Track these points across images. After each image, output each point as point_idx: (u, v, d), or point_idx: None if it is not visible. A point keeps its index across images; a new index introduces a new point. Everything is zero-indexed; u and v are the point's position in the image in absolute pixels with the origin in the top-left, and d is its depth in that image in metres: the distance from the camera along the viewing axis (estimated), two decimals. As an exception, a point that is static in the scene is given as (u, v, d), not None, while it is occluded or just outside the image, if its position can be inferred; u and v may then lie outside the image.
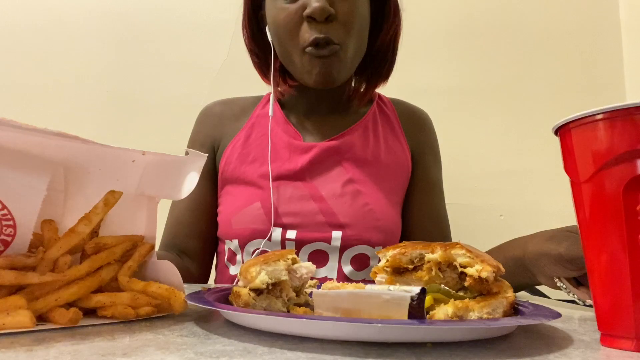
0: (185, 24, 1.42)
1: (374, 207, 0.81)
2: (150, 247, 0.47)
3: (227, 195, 0.87)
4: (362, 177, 0.84)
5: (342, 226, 0.79)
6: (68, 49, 1.41)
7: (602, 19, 1.41)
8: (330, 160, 0.85)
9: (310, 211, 0.80)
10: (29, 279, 0.37)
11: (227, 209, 0.85)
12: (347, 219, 0.79)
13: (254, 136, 0.89)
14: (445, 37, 1.40)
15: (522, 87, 1.39)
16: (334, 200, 0.81)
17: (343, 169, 0.84)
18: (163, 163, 0.47)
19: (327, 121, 0.90)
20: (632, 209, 0.32)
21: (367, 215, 0.80)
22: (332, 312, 0.37)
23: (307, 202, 0.81)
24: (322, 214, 0.80)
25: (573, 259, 0.53)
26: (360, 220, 0.80)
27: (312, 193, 0.82)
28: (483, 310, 0.38)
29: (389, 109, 0.95)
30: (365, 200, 0.81)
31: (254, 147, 0.88)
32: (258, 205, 0.81)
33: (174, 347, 0.32)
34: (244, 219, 0.81)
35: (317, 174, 0.84)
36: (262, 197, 0.81)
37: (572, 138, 0.36)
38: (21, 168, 0.39)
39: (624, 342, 0.33)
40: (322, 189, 0.82)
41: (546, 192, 1.28)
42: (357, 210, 0.80)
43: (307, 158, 0.84)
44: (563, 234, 0.56)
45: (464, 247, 0.41)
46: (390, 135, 0.91)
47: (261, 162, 0.85)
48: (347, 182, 0.83)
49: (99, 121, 1.39)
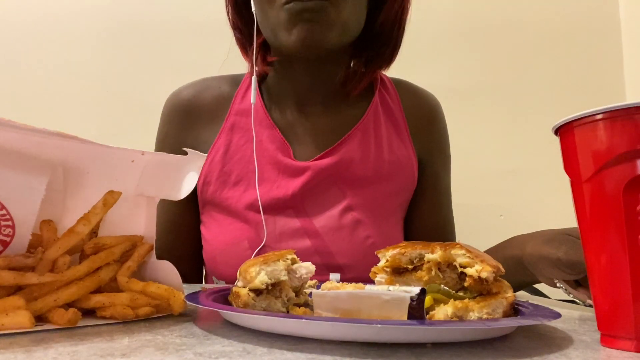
0: (185, 24, 1.42)
1: (375, 241, 0.72)
2: (150, 247, 0.47)
3: (212, 219, 0.76)
4: (361, 201, 0.74)
5: (341, 268, 0.71)
6: (67, 49, 1.41)
7: (602, 19, 1.41)
8: (326, 182, 0.74)
9: (304, 250, 0.71)
10: (27, 280, 0.37)
11: (212, 240, 0.75)
12: (346, 259, 0.71)
13: (234, 146, 0.76)
14: (445, 38, 1.40)
15: (522, 87, 1.39)
16: (330, 235, 0.71)
17: (340, 192, 0.74)
18: (162, 163, 0.47)
19: (320, 121, 0.78)
20: (632, 209, 0.32)
21: (368, 252, 0.69)
22: (331, 312, 0.37)
23: (300, 239, 0.71)
24: (318, 255, 0.71)
25: (571, 263, 0.52)
26: (360, 260, 0.71)
27: (306, 227, 0.72)
28: (483, 311, 0.38)
29: (392, 98, 0.83)
30: (366, 232, 0.72)
31: (234, 162, 0.75)
32: (246, 245, 0.71)
33: (172, 348, 0.31)
34: (230, 260, 0.71)
35: (311, 201, 0.73)
36: (249, 234, 0.71)
37: (572, 138, 0.36)
38: (20, 168, 0.39)
39: (624, 342, 0.33)
40: (317, 220, 0.72)
41: (546, 192, 1.28)
42: (356, 246, 0.71)
43: (299, 183, 0.72)
44: (562, 237, 0.55)
45: (463, 247, 0.41)
46: (394, 136, 0.80)
47: (246, 186, 0.74)
48: (344, 210, 0.73)
49: (98, 121, 1.39)
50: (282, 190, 0.73)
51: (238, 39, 0.80)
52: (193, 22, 1.42)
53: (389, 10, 0.76)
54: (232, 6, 0.79)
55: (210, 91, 0.82)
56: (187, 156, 0.47)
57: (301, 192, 0.73)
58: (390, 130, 0.81)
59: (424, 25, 1.38)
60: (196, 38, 1.41)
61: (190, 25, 1.42)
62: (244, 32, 0.79)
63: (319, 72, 0.77)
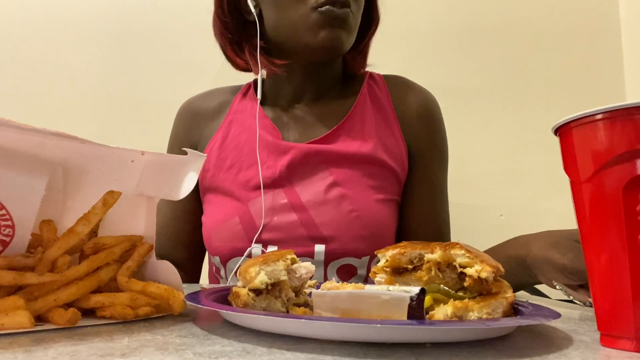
0: (185, 24, 1.42)
1: (360, 214, 0.75)
2: (150, 247, 0.47)
3: (209, 204, 0.83)
4: (347, 177, 0.77)
5: (325, 239, 0.74)
6: (67, 49, 1.41)
7: (602, 19, 1.41)
8: (312, 161, 0.78)
9: (291, 224, 0.75)
10: (27, 280, 0.37)
11: (208, 221, 0.81)
12: (330, 230, 0.74)
13: (230, 137, 0.83)
14: (444, 38, 1.40)
15: (522, 87, 1.39)
16: (316, 209, 0.75)
17: (326, 170, 0.78)
18: (162, 163, 0.47)
19: (310, 114, 0.83)
20: (632, 209, 0.32)
21: (352, 224, 0.74)
22: (331, 312, 0.37)
23: (287, 214, 0.76)
24: (303, 227, 0.75)
25: (576, 271, 0.52)
26: (344, 231, 0.74)
27: (293, 202, 0.76)
28: (482, 311, 0.38)
29: (381, 90, 0.86)
30: (350, 206, 0.75)
31: (230, 149, 0.82)
32: (236, 221, 0.76)
33: (172, 348, 0.31)
34: (223, 235, 0.77)
35: (297, 178, 0.78)
36: (240, 211, 0.77)
37: (572, 138, 0.36)
38: (20, 168, 0.39)
39: (624, 342, 0.33)
40: (303, 195, 0.76)
41: (546, 192, 1.28)
42: (341, 219, 0.75)
43: (285, 161, 0.78)
44: (568, 243, 0.55)
45: (463, 247, 0.41)
46: (382, 125, 0.83)
47: (238, 169, 0.80)
48: (330, 185, 0.77)
49: (98, 121, 1.39)
50: (271, 170, 0.78)
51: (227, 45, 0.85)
52: (193, 22, 1.42)
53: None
54: (227, 10, 0.82)
55: (216, 98, 0.91)
56: (186, 156, 0.47)
57: (288, 170, 0.78)
58: (379, 120, 0.83)
59: (423, 25, 1.39)
60: (196, 38, 1.41)
61: (190, 26, 1.42)
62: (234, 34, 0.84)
63: (317, 74, 0.83)
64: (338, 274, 0.76)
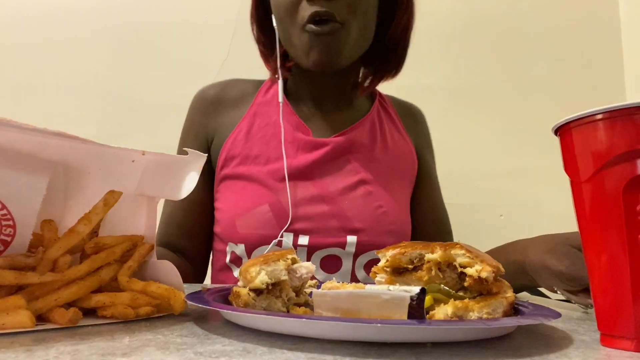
0: (185, 24, 1.42)
1: (387, 210, 0.79)
2: (150, 247, 0.47)
3: (227, 191, 0.81)
4: (372, 177, 0.81)
5: (357, 231, 0.76)
6: (68, 49, 1.41)
7: (602, 19, 1.41)
8: (341, 158, 0.81)
9: (322, 214, 0.76)
10: (28, 279, 0.37)
11: (230, 208, 0.79)
12: (361, 223, 0.76)
13: (256, 127, 0.84)
14: (444, 38, 1.40)
15: (522, 87, 1.39)
16: (346, 202, 0.77)
17: (353, 168, 0.81)
18: (163, 163, 0.47)
19: (332, 115, 0.86)
20: (632, 209, 0.32)
21: (381, 219, 0.77)
22: (331, 312, 0.37)
23: (318, 205, 0.77)
24: (335, 218, 0.76)
25: (573, 277, 0.52)
26: (374, 225, 0.77)
27: (323, 194, 0.78)
28: (483, 310, 0.38)
29: (388, 106, 0.94)
30: (377, 202, 0.78)
31: (257, 140, 0.82)
32: (267, 209, 0.76)
33: (173, 347, 0.31)
34: (251, 223, 0.76)
35: (326, 173, 0.80)
36: (271, 199, 0.76)
37: (572, 138, 0.36)
38: (21, 168, 0.39)
39: (624, 342, 0.33)
40: (333, 189, 0.78)
41: (546, 192, 1.28)
42: (370, 213, 0.77)
43: (317, 155, 0.79)
44: (564, 248, 0.55)
45: (463, 247, 0.41)
46: (394, 131, 0.90)
47: (267, 159, 0.80)
48: (358, 182, 0.80)
49: (99, 121, 1.39)
50: (302, 161, 0.79)
51: (261, 52, 0.88)
52: (193, 22, 1.42)
53: (396, 26, 0.83)
54: (257, 24, 0.86)
55: (236, 87, 0.90)
56: (187, 156, 0.47)
57: (319, 164, 0.79)
58: (391, 126, 0.91)
59: (423, 25, 1.38)
60: (196, 38, 1.41)
61: (190, 26, 1.42)
62: (267, 45, 0.86)
63: (332, 80, 0.86)
64: (365, 269, 0.77)
